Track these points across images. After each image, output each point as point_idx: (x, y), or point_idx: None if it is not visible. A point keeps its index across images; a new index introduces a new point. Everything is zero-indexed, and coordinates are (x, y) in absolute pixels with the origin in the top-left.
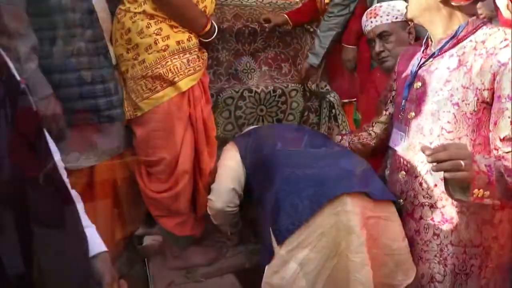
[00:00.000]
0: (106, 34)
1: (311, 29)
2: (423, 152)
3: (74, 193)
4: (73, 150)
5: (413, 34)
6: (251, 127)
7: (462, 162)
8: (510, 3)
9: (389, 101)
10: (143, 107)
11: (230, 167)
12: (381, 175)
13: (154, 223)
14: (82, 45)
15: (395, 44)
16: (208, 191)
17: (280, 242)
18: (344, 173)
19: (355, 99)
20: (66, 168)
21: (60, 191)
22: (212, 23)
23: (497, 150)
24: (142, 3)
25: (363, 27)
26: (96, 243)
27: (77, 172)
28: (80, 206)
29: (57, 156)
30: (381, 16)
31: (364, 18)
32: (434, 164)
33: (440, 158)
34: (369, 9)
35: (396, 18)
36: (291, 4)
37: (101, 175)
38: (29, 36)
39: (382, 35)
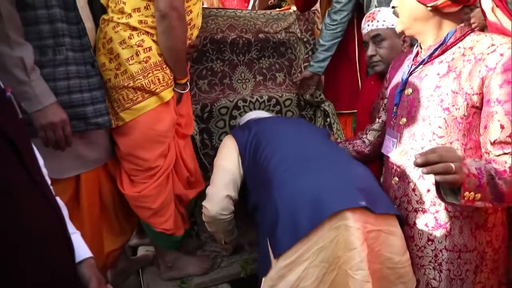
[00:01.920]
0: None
1: (305, 39)
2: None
3: (58, 200)
4: (59, 159)
5: (407, 42)
6: (252, 115)
7: (453, 165)
8: (494, 5)
9: (381, 109)
10: (124, 117)
11: (227, 170)
12: (379, 183)
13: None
14: (70, 54)
15: (388, 50)
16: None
17: (278, 256)
18: (346, 186)
19: (355, 110)
20: (52, 177)
21: (47, 198)
22: (188, 83)
23: (488, 153)
24: (128, 15)
25: (362, 31)
26: (82, 249)
27: (64, 181)
28: (65, 212)
29: (40, 162)
30: (377, 21)
31: (363, 21)
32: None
33: (430, 160)
34: (369, 12)
35: (392, 24)
36: (285, 15)
37: (88, 184)
38: (28, 45)
39: (376, 39)
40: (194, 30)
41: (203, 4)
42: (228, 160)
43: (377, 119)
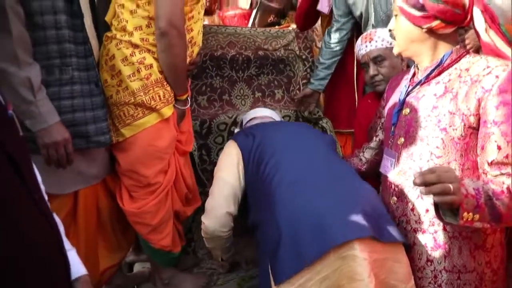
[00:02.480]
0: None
1: (304, 56)
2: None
3: (55, 216)
4: (59, 174)
5: (405, 61)
6: (256, 113)
7: (451, 186)
8: (488, 26)
9: (379, 128)
10: (124, 133)
11: (227, 183)
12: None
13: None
14: (75, 74)
15: (389, 69)
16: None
17: (279, 283)
18: (352, 210)
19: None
20: (50, 193)
21: (45, 215)
22: (188, 99)
23: (486, 174)
24: (130, 33)
25: (357, 51)
26: (77, 266)
27: (62, 197)
28: (61, 229)
29: (39, 178)
30: (375, 41)
31: (359, 42)
32: (424, 187)
33: (429, 181)
34: (364, 33)
35: (390, 44)
36: (284, 32)
37: (85, 200)
38: (36, 65)
39: (376, 60)
40: (195, 48)
41: (204, 21)
42: (228, 171)
43: (374, 138)
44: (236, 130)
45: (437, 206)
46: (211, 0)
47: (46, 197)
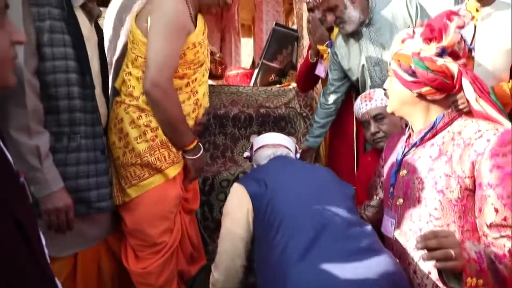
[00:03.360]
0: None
1: (304, 114)
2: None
3: (57, 281)
4: (59, 236)
5: (404, 118)
6: (268, 144)
7: (452, 251)
8: (478, 96)
9: (378, 186)
10: (131, 194)
11: (236, 236)
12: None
13: None
14: (83, 142)
15: (390, 126)
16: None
17: None
18: None
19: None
20: (50, 256)
21: (50, 281)
22: (198, 143)
23: (486, 236)
24: (137, 98)
25: (356, 110)
26: None
27: (62, 260)
28: None
29: (43, 242)
30: (375, 100)
31: (358, 101)
32: (425, 252)
33: (430, 246)
34: (363, 93)
35: None
36: (285, 91)
37: (85, 262)
38: (46, 133)
39: (377, 117)
40: (201, 109)
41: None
42: (236, 223)
43: (374, 196)
44: (246, 154)
45: (439, 270)
46: (220, 66)
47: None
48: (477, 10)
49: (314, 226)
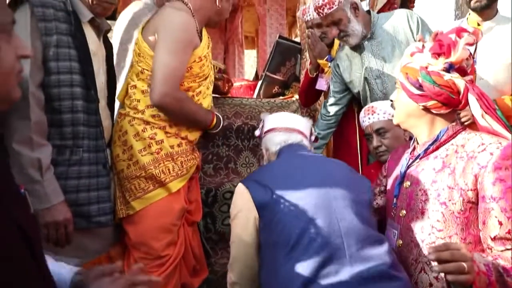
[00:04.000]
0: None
1: None
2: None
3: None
4: (60, 249)
5: (408, 131)
6: (279, 127)
7: (465, 264)
8: (484, 112)
9: (377, 193)
10: (135, 206)
11: (246, 244)
12: None
13: None
14: (85, 155)
15: (392, 140)
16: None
17: None
18: None
19: None
20: None
21: (49, 284)
22: (216, 116)
23: (491, 249)
24: (142, 111)
25: (361, 122)
26: None
27: None
28: None
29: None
30: (378, 114)
31: (362, 114)
32: (435, 263)
33: (443, 258)
34: (367, 106)
35: (392, 116)
36: (288, 102)
37: None
38: (48, 146)
39: (379, 131)
40: None
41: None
42: (245, 229)
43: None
44: (257, 133)
45: (448, 282)
46: (228, 83)
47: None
48: (478, 24)
49: (324, 247)
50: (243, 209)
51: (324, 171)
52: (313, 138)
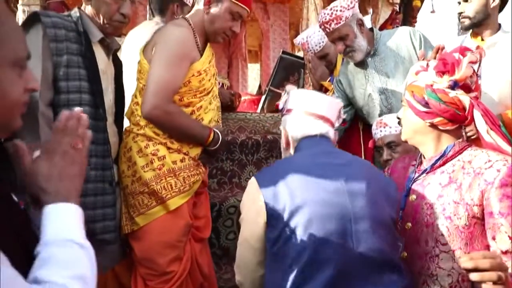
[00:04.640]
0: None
1: None
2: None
3: None
4: None
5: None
6: (311, 135)
7: (502, 275)
8: (489, 128)
9: None
10: (139, 222)
11: (253, 249)
12: None
13: None
14: (92, 173)
15: (402, 154)
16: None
17: None
18: None
19: None
20: None
21: None
22: (214, 131)
23: None
24: (144, 127)
25: (373, 134)
26: None
27: None
28: None
29: None
30: (390, 127)
31: (374, 126)
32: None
33: (482, 267)
34: (379, 118)
35: None
36: None
37: None
38: None
39: (390, 145)
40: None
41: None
42: (253, 234)
43: None
44: (280, 105)
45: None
46: (238, 98)
47: None
48: (482, 40)
49: (333, 266)
50: (253, 211)
51: (346, 182)
52: (340, 121)
